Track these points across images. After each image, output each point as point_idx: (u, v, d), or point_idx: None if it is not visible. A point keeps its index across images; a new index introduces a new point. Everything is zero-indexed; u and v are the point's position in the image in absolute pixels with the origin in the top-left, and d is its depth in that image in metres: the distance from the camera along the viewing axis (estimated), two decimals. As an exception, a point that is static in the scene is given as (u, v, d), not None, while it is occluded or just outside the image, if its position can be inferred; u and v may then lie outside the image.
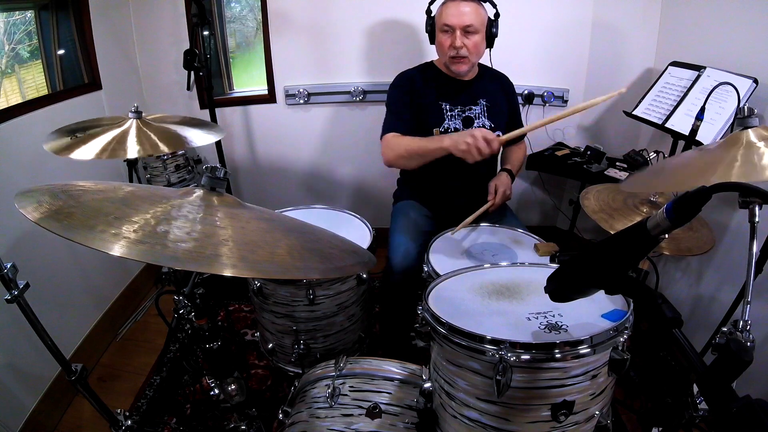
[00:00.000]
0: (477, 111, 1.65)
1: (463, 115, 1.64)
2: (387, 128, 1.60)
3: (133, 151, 1.23)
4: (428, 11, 1.65)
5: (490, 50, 1.67)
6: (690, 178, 1.00)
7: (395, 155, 1.55)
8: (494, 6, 1.61)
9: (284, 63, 2.35)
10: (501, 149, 1.79)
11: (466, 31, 1.52)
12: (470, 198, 1.69)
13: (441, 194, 1.72)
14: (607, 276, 0.62)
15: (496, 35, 1.62)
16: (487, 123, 1.66)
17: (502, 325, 0.91)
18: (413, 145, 1.49)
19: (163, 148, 1.29)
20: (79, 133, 1.25)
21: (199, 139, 1.37)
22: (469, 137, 1.27)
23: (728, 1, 1.69)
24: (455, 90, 1.64)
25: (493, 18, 1.60)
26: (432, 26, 1.63)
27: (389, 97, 1.67)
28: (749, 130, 0.98)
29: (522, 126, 1.82)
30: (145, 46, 2.30)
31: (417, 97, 1.64)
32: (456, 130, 1.63)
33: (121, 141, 1.25)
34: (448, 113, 1.64)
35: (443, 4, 1.57)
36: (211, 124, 1.53)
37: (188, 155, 2.22)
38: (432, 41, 1.65)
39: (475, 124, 1.64)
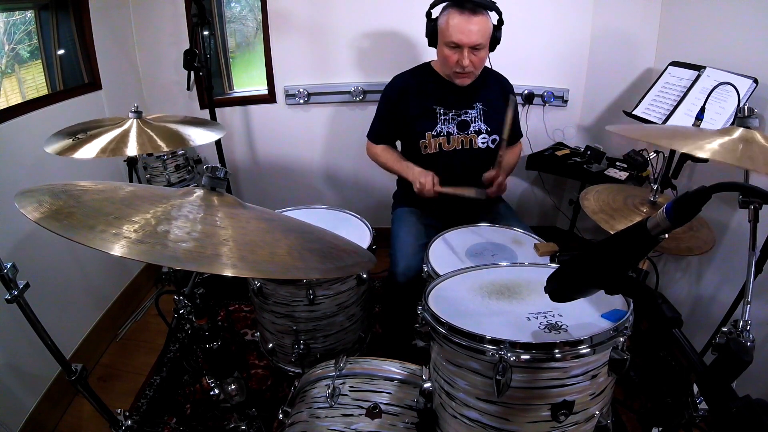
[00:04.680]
0: (473, 115, 1.64)
1: (459, 119, 1.63)
2: (370, 132, 1.80)
3: (133, 148, 1.23)
4: (428, 14, 1.59)
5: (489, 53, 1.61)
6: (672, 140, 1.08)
7: (373, 160, 1.82)
8: (499, 13, 1.54)
9: (284, 63, 2.35)
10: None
11: (474, 48, 1.48)
12: (469, 203, 1.68)
13: (440, 199, 1.71)
14: (607, 276, 0.62)
15: (498, 41, 1.57)
16: (484, 126, 1.64)
17: (502, 325, 0.91)
18: (388, 165, 1.75)
19: (164, 146, 1.28)
20: (81, 134, 1.25)
21: (200, 137, 1.37)
22: (419, 183, 1.55)
23: (728, 1, 1.69)
24: (451, 93, 1.62)
25: (496, 24, 1.54)
26: (434, 30, 1.56)
27: (379, 101, 1.74)
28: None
29: (519, 128, 1.83)
30: (145, 46, 2.30)
31: (409, 103, 1.64)
32: (449, 134, 1.63)
33: (122, 140, 1.25)
34: (442, 117, 1.63)
35: (448, 14, 1.49)
36: (212, 122, 1.52)
37: (188, 155, 2.23)
38: (432, 44, 1.61)
39: (471, 128, 1.64)
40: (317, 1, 2.23)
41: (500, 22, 1.55)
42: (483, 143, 1.66)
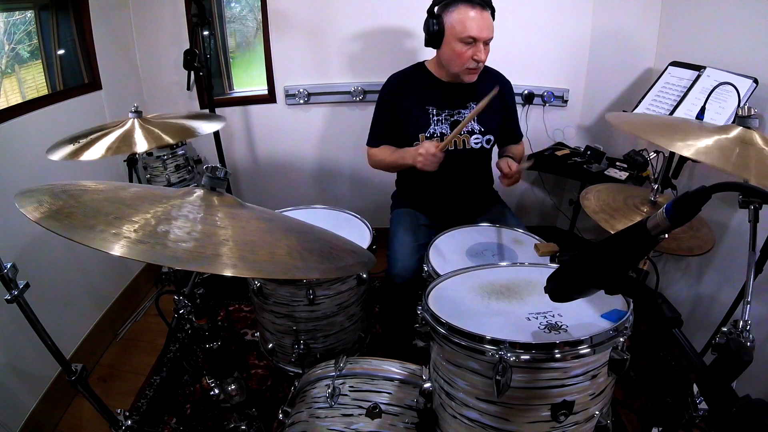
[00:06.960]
0: (466, 114, 1.62)
1: (451, 119, 1.62)
2: (369, 139, 1.75)
3: (142, 145, 1.23)
4: (431, 11, 1.52)
5: None
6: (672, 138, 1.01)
7: (375, 165, 1.77)
8: (493, 10, 1.51)
9: (284, 63, 2.35)
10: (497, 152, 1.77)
11: (486, 42, 1.47)
12: (466, 202, 1.68)
13: (437, 200, 1.71)
14: (607, 276, 0.62)
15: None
16: (476, 127, 1.63)
17: (502, 325, 0.91)
18: (387, 160, 1.69)
19: (169, 139, 1.29)
20: (82, 138, 1.24)
21: (203, 127, 1.38)
22: (419, 156, 1.47)
23: (728, 1, 1.69)
24: (444, 94, 1.61)
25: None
26: (439, 28, 1.50)
27: (376, 104, 1.72)
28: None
29: (519, 127, 1.80)
30: (145, 46, 2.30)
31: (402, 103, 1.63)
32: (443, 134, 1.61)
33: (125, 138, 1.25)
34: (435, 118, 1.62)
35: (460, 10, 1.46)
36: (211, 114, 1.54)
37: (188, 155, 2.22)
38: (432, 44, 1.55)
39: (465, 128, 1.62)
40: (317, 1, 2.23)
41: (492, 18, 1.52)
42: (476, 143, 1.64)
